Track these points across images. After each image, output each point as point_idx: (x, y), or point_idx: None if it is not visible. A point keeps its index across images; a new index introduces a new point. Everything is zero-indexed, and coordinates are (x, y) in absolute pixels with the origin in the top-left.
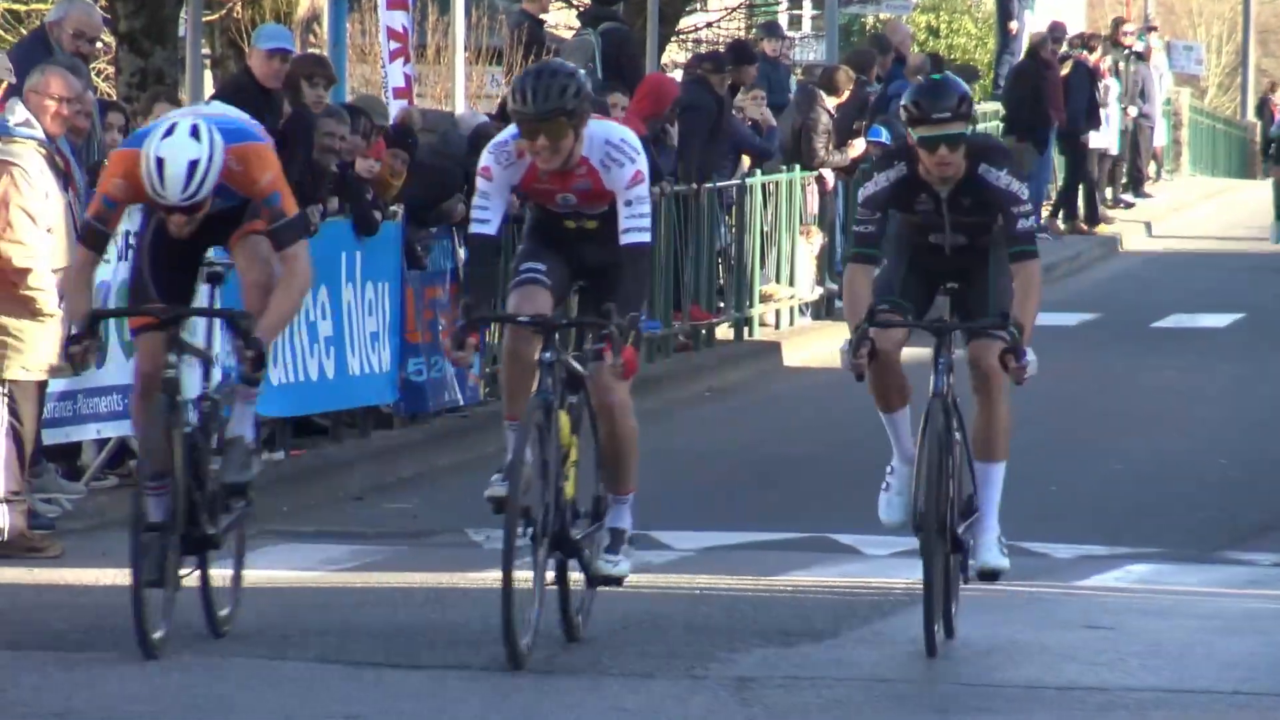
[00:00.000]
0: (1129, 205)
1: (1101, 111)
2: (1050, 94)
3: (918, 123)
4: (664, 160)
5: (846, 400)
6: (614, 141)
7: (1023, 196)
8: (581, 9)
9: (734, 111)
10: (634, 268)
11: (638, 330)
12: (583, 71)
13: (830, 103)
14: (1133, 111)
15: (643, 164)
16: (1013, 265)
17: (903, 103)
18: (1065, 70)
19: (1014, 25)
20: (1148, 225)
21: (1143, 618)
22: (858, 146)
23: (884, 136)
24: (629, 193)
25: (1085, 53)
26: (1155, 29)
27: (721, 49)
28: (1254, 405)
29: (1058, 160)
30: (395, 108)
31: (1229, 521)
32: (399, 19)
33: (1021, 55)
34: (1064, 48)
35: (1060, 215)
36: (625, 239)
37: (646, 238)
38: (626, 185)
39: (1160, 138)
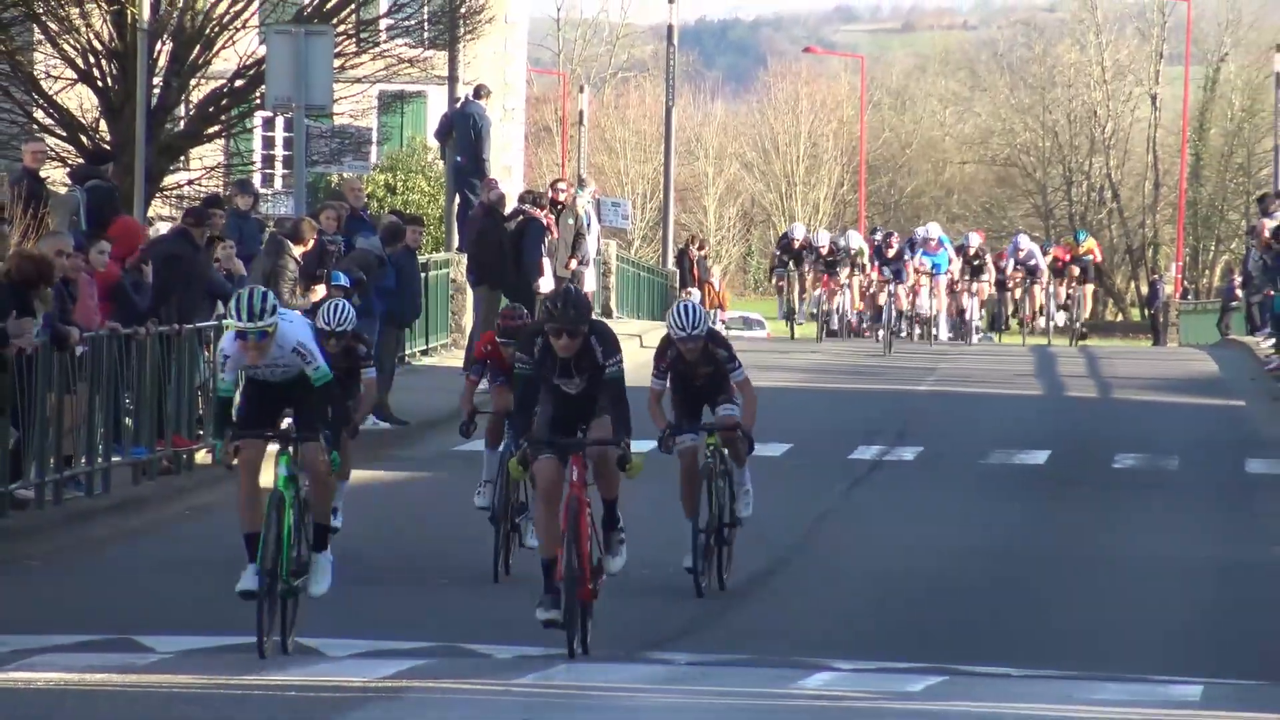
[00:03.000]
0: None
1: (546, 261)
2: (508, 246)
3: None
4: (140, 299)
5: None
6: None
7: None
8: (73, 168)
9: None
10: None
11: None
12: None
13: (296, 251)
14: (574, 265)
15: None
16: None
17: None
18: (516, 224)
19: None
20: None
21: (569, 713)
22: (319, 292)
23: (344, 280)
24: None
25: (535, 209)
26: (584, 182)
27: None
28: (670, 522)
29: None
30: None
31: (652, 624)
32: None
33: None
34: (516, 203)
35: None
36: None
37: None
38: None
39: (591, 284)
